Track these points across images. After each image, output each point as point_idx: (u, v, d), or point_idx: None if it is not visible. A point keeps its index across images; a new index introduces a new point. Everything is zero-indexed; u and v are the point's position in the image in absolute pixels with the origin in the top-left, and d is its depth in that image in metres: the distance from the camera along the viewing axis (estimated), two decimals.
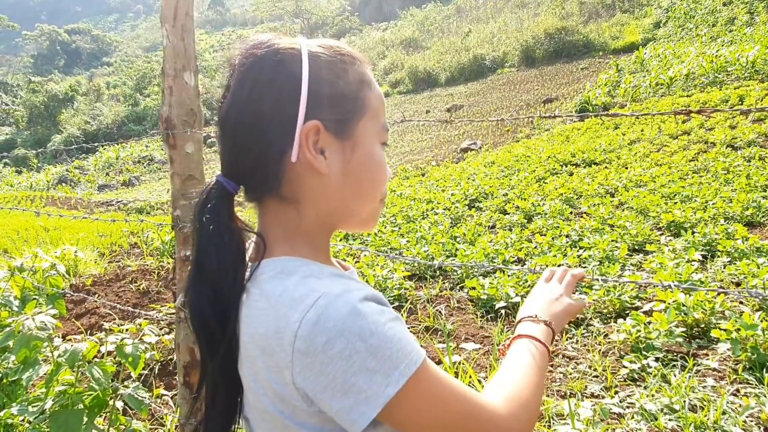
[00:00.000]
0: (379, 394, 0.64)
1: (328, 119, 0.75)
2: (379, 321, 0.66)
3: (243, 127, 0.76)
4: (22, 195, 17.62)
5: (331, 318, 0.64)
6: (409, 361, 0.66)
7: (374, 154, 0.80)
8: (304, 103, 0.73)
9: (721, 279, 3.92)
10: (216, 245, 0.76)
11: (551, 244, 5.18)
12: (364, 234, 6.51)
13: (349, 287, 0.69)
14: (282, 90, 0.74)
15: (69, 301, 4.42)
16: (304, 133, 0.74)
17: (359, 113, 0.78)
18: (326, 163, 0.76)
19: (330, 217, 0.81)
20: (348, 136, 0.77)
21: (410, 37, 44.47)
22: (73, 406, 1.84)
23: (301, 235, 0.79)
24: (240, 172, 0.78)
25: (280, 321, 0.67)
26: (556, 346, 3.25)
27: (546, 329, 0.91)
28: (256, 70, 0.75)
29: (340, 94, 0.76)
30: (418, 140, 18.41)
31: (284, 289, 0.70)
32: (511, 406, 0.74)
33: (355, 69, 0.79)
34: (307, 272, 0.73)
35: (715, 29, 21.50)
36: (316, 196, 0.78)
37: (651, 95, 14.82)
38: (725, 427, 2.28)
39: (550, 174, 9.23)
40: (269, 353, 0.69)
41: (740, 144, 8.45)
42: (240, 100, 0.76)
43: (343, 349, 0.63)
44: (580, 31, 28.56)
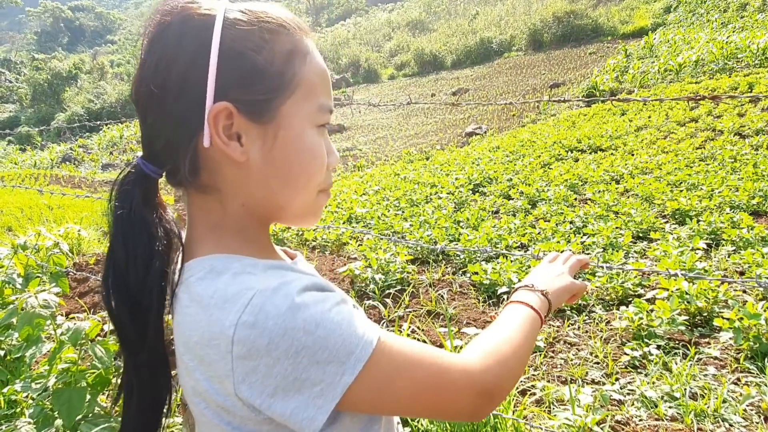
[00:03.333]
0: (335, 385, 0.60)
1: (242, 100, 0.65)
2: (324, 309, 0.61)
3: (150, 104, 0.66)
4: (26, 173, 17.65)
5: (270, 316, 0.58)
6: (363, 343, 0.61)
7: (304, 139, 0.70)
8: (212, 81, 0.63)
9: (725, 268, 3.91)
10: (124, 235, 0.68)
11: (555, 230, 5.16)
12: (367, 217, 6.49)
13: (285, 279, 0.63)
14: (189, 65, 0.64)
15: (72, 280, 4.44)
16: (211, 117, 0.64)
17: (284, 92, 0.67)
18: (242, 150, 0.66)
19: (259, 208, 0.72)
20: (269, 119, 0.67)
21: (417, 18, 44.08)
22: (75, 384, 1.85)
23: (227, 228, 0.71)
24: (154, 154, 0.69)
25: (213, 326, 0.61)
26: (557, 332, 3.25)
27: (541, 298, 0.88)
28: (163, 39, 0.65)
29: (259, 71, 0.65)
30: (423, 124, 18.32)
31: (215, 290, 0.63)
32: (487, 360, 0.71)
33: (283, 39, 0.68)
34: (238, 269, 0.65)
35: (727, 15, 21.23)
36: (238, 185, 0.69)
37: (659, 81, 14.68)
38: (725, 415, 2.29)
39: (556, 160, 9.18)
40: (207, 363, 0.62)
41: (748, 132, 8.37)
42: (147, 73, 0.66)
43: (289, 347, 0.58)
44: (589, 14, 28.27)
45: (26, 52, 67.67)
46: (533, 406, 2.48)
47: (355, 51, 38.42)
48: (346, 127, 20.11)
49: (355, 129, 19.79)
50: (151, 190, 0.70)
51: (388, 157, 13.63)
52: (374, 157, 13.97)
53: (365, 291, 4.07)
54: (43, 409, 1.88)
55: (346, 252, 5.23)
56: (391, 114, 21.45)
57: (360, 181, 10.11)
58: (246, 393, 0.60)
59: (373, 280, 4.10)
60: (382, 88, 29.29)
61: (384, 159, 13.54)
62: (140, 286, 0.67)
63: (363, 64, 35.68)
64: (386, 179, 9.79)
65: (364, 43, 41.81)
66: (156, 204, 0.71)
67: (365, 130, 19.27)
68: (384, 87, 29.80)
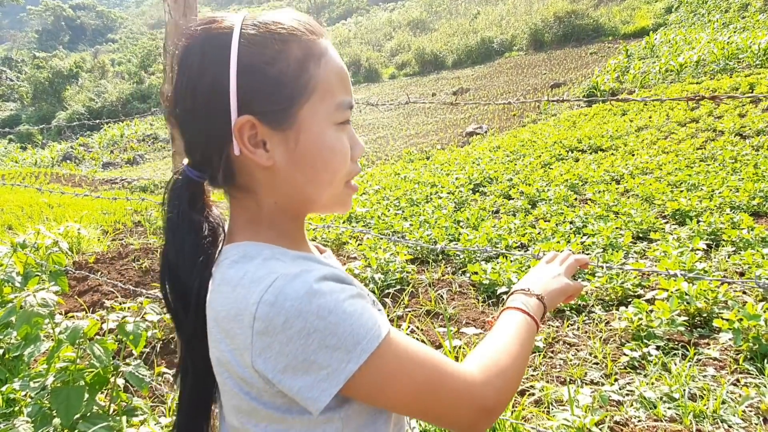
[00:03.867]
0: (340, 371, 0.64)
1: (263, 111, 0.71)
2: (338, 298, 0.65)
3: (184, 118, 0.74)
4: (27, 171, 17.65)
5: (288, 298, 0.64)
6: (371, 336, 0.65)
7: (324, 138, 0.74)
8: (234, 97, 0.69)
9: (725, 269, 3.91)
10: (174, 234, 0.76)
11: (555, 231, 5.16)
12: (367, 216, 6.50)
13: (308, 267, 0.68)
14: (212, 85, 0.70)
15: (72, 278, 4.44)
16: (236, 130, 0.70)
17: (301, 98, 0.72)
18: (268, 156, 0.72)
19: (290, 204, 0.78)
20: (289, 124, 0.72)
21: (418, 18, 44.06)
22: (74, 383, 1.85)
23: (263, 221, 0.78)
24: (195, 162, 0.77)
25: (239, 303, 0.67)
26: (557, 332, 3.25)
27: (537, 303, 0.90)
28: (188, 62, 0.72)
29: (276, 82, 0.70)
30: (423, 123, 18.30)
31: (245, 273, 0.69)
32: (487, 373, 0.73)
33: (295, 46, 0.72)
34: (269, 255, 0.72)
35: (728, 15, 21.19)
36: (269, 186, 0.76)
37: (660, 82, 14.66)
38: (724, 416, 2.29)
39: (556, 160, 9.17)
40: (231, 336, 0.68)
41: (749, 133, 8.36)
42: (179, 90, 0.73)
43: (302, 328, 0.63)
44: (591, 14, 28.23)
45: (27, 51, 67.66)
46: (532, 407, 2.47)
47: (355, 50, 38.37)
48: None
49: (355, 128, 19.57)
50: (197, 192, 0.78)
51: (389, 157, 13.62)
52: (374, 157, 13.97)
53: None
54: (41, 407, 1.88)
55: (345, 251, 5.23)
56: (391, 113, 21.44)
57: (360, 181, 10.10)
58: (261, 366, 0.66)
59: (373, 280, 4.10)
60: (382, 88, 29.27)
61: (384, 158, 13.53)
62: (188, 277, 0.76)
63: (364, 63, 35.64)
64: (386, 179, 9.79)
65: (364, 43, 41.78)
66: (203, 205, 0.79)
67: (366, 129, 19.25)
68: (385, 86, 29.78)
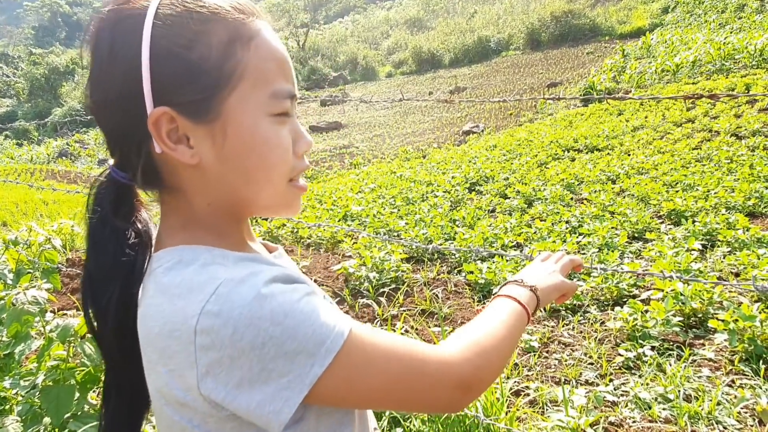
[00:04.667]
0: (304, 376, 0.58)
1: (182, 102, 0.62)
2: (293, 299, 0.59)
3: (99, 112, 0.66)
4: (22, 168, 17.57)
5: (236, 306, 0.56)
6: (335, 334, 0.59)
7: (258, 131, 0.65)
8: (148, 88, 0.60)
9: (720, 269, 3.90)
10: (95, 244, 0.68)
11: (551, 230, 5.15)
12: (362, 215, 6.48)
13: (255, 270, 0.61)
14: (124, 74, 0.61)
15: (65, 276, 4.41)
16: (152, 124, 0.61)
17: (227, 86, 0.63)
18: (192, 152, 0.64)
19: (226, 205, 0.69)
20: (214, 116, 0.63)
21: (415, 16, 44.06)
22: (64, 382, 1.83)
23: (198, 223, 0.69)
24: (118, 162, 0.68)
25: (175, 316, 0.59)
26: (552, 332, 3.24)
27: (529, 293, 0.87)
28: (98, 50, 0.63)
29: (195, 68, 0.61)
30: (420, 122, 18.30)
31: (181, 280, 0.61)
32: (465, 351, 0.69)
33: (219, 28, 0.62)
34: (207, 259, 0.63)
35: (724, 16, 21.25)
36: (199, 187, 0.67)
37: (656, 82, 14.69)
38: (719, 417, 2.28)
39: (552, 159, 9.17)
40: (168, 355, 0.60)
41: (745, 133, 8.37)
42: (91, 80, 0.64)
43: (255, 337, 0.56)
44: (587, 14, 28.31)
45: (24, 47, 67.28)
46: (526, 407, 2.47)
47: (352, 48, 38.35)
48: (343, 125, 20.08)
49: (352, 126, 19.76)
50: (123, 196, 0.69)
51: (385, 155, 13.61)
52: (371, 155, 13.95)
53: (359, 289, 4.05)
54: (31, 406, 1.86)
55: (340, 250, 5.22)
56: (388, 112, 21.43)
57: (356, 179, 10.08)
58: (210, 386, 0.58)
59: (368, 279, 4.08)
60: (379, 86, 29.26)
61: (380, 157, 13.52)
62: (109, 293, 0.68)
63: (361, 61, 35.63)
64: (382, 177, 9.77)
65: (361, 41, 41.75)
66: (130, 209, 0.70)
67: (362, 127, 19.24)
68: (381, 85, 29.78)
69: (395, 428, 2.25)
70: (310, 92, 30.06)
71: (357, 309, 3.69)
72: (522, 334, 0.83)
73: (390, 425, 2.26)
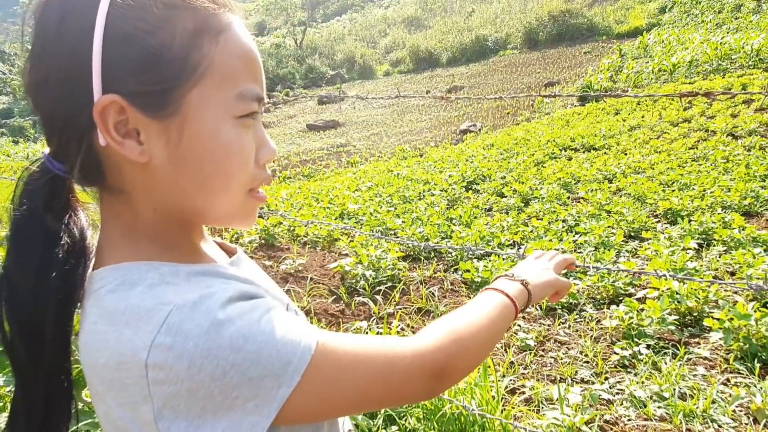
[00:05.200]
0: (270, 399, 0.54)
1: (135, 92, 0.55)
2: (252, 320, 0.54)
3: (37, 93, 0.58)
4: (19, 165, 17.50)
5: (190, 336, 0.51)
6: (301, 350, 0.55)
7: (219, 134, 0.59)
8: (98, 71, 0.53)
9: (715, 268, 3.91)
10: (18, 243, 0.59)
11: (547, 229, 5.16)
12: (359, 213, 6.47)
13: (209, 290, 0.56)
14: (72, 53, 0.54)
15: None
16: (98, 112, 0.54)
17: (189, 79, 0.57)
18: (141, 149, 0.57)
19: (174, 212, 0.62)
20: (171, 112, 0.57)
21: (413, 15, 44.05)
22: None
23: (142, 232, 0.62)
24: (55, 152, 0.60)
25: (123, 347, 0.53)
26: (548, 331, 3.25)
27: (520, 288, 0.85)
28: (44, 23, 0.56)
29: (155, 56, 0.55)
30: (417, 121, 18.30)
31: (126, 305, 0.54)
32: (440, 339, 0.67)
33: (186, 15, 0.56)
34: (155, 279, 0.57)
35: (721, 16, 21.29)
36: (145, 189, 0.60)
37: (653, 81, 14.71)
38: (714, 416, 2.28)
39: (549, 158, 9.18)
40: (118, 388, 0.54)
41: (741, 133, 8.39)
42: (32, 57, 0.57)
43: (215, 369, 0.51)
44: (585, 14, 28.33)
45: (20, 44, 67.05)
46: (522, 405, 2.46)
47: (350, 47, 38.33)
48: (340, 123, 20.07)
49: (349, 125, 19.74)
50: (57, 190, 0.60)
51: (382, 154, 13.60)
52: (368, 154, 13.94)
53: (356, 287, 4.04)
54: None
55: (337, 248, 5.21)
56: (385, 110, 21.42)
57: (353, 177, 10.07)
58: (169, 419, 0.53)
59: (364, 277, 4.08)
60: (377, 85, 29.25)
61: (378, 155, 13.51)
62: (32, 301, 0.58)
63: (358, 60, 35.61)
64: (379, 175, 9.76)
65: (359, 39, 41.71)
66: (65, 206, 0.62)
67: (359, 126, 19.22)
68: (379, 83, 29.76)
69: (390, 426, 2.24)
70: (307, 90, 30.04)
71: (353, 307, 3.69)
72: (508, 326, 0.82)
73: (385, 423, 2.26)
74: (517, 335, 3.14)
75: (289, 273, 4.26)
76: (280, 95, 28.06)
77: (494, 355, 2.98)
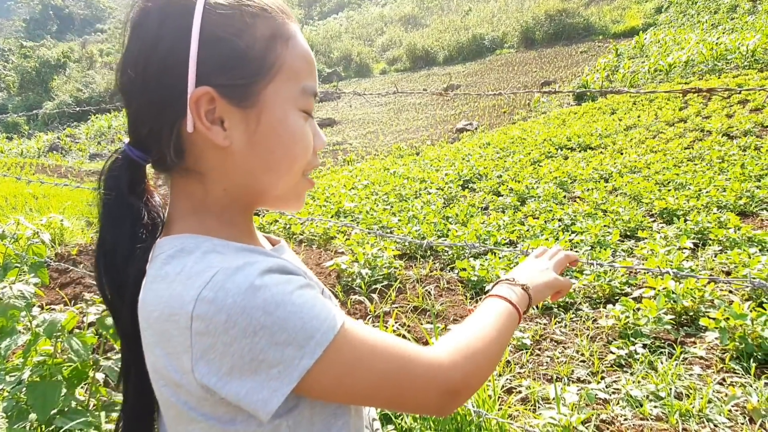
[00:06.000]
0: (293, 368, 0.59)
1: (223, 84, 0.66)
2: (285, 290, 0.60)
3: (133, 91, 0.68)
4: (12, 162, 17.39)
5: (230, 294, 0.58)
6: (326, 328, 0.60)
7: (287, 122, 0.70)
8: (193, 66, 0.64)
9: (711, 267, 3.92)
10: (112, 220, 0.70)
11: (544, 228, 5.15)
12: (356, 211, 6.46)
13: (251, 260, 0.62)
14: (169, 50, 0.64)
15: (53, 270, 4.37)
16: (193, 102, 0.65)
17: (266, 76, 0.68)
18: (225, 135, 0.67)
19: (242, 192, 0.72)
20: (251, 103, 0.67)
21: (409, 13, 43.97)
22: (51, 377, 1.80)
23: (208, 209, 0.72)
24: (140, 141, 0.70)
25: (174, 301, 0.61)
26: (544, 330, 3.24)
27: (521, 293, 0.87)
28: (144, 26, 0.66)
29: (241, 55, 0.66)
30: (414, 119, 18.27)
31: (182, 268, 0.63)
32: (455, 356, 0.70)
33: (265, 23, 0.68)
34: (208, 248, 0.66)
35: (717, 16, 21.34)
36: (221, 170, 0.70)
37: (649, 81, 14.74)
38: (710, 415, 2.28)
39: (545, 157, 9.18)
40: (166, 338, 0.62)
41: (736, 133, 8.41)
42: (130, 60, 0.67)
43: (247, 326, 0.57)
44: (581, 13, 28.31)
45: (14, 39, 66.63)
46: (518, 405, 2.46)
47: (347, 45, 38.22)
48: (336, 121, 20.02)
49: (345, 123, 19.71)
50: (138, 176, 0.72)
51: (378, 152, 13.58)
52: (364, 152, 13.92)
53: (352, 285, 4.03)
54: (17, 402, 1.83)
55: (333, 246, 5.20)
56: (381, 109, 21.39)
57: (349, 176, 10.06)
58: (203, 370, 0.59)
59: (360, 275, 4.07)
60: (373, 83, 29.21)
61: (374, 153, 13.49)
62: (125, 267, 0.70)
63: (355, 58, 35.53)
64: (376, 174, 9.75)
65: (356, 37, 41.61)
66: (143, 190, 0.73)
67: (356, 124, 19.19)
68: (375, 81, 29.72)
69: (386, 425, 2.23)
70: None
71: (349, 305, 3.68)
72: (513, 333, 0.84)
73: (381, 422, 2.25)
74: (514, 334, 3.14)
75: None
76: None
77: None
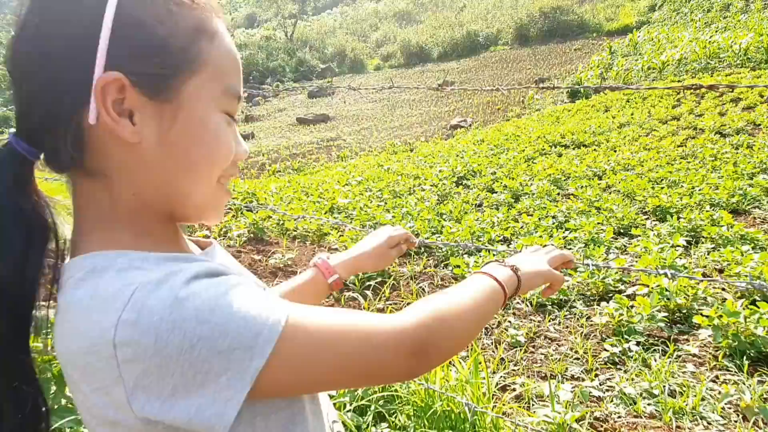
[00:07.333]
0: (244, 371, 0.53)
1: (137, 72, 0.57)
2: (218, 293, 0.54)
3: (28, 70, 0.57)
4: None
5: (155, 311, 0.51)
6: (272, 322, 0.55)
7: (208, 122, 0.62)
8: (104, 47, 0.55)
9: (704, 265, 3.93)
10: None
11: (537, 225, 5.16)
12: (349, 207, 6.44)
13: (174, 269, 0.56)
14: (78, 26, 0.55)
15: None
16: (99, 88, 0.55)
17: (187, 70, 0.60)
18: (134, 129, 0.58)
19: (155, 197, 0.63)
20: (168, 97, 0.59)
21: (404, 9, 43.89)
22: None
23: (118, 219, 0.62)
24: (31, 131, 0.59)
25: (92, 330, 0.53)
26: (538, 327, 3.24)
27: (509, 272, 0.84)
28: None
29: (161, 43, 0.58)
30: (408, 116, 18.25)
31: (95, 291, 0.55)
32: (422, 317, 0.65)
33: (190, 14, 0.60)
34: (124, 264, 0.57)
35: (710, 15, 21.42)
36: (129, 171, 0.61)
37: (643, 79, 14.77)
38: (704, 413, 2.29)
39: (539, 154, 9.19)
40: (90, 372, 0.54)
41: (729, 131, 8.44)
42: (28, 34, 0.57)
43: (182, 341, 0.51)
44: (575, 10, 28.34)
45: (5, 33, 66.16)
46: (513, 402, 2.46)
47: (341, 41, 38.10)
48: (330, 117, 19.97)
49: (339, 119, 19.66)
50: (25, 174, 0.60)
51: (372, 148, 13.56)
52: (358, 148, 13.89)
53: (345, 282, 4.02)
54: None
55: (327, 242, 5.18)
56: (375, 105, 21.36)
57: (343, 172, 10.03)
58: (142, 400, 0.52)
59: None
60: (367, 79, 29.15)
61: (368, 150, 13.46)
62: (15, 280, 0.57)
63: (349, 54, 35.43)
64: (369, 170, 9.73)
65: (350, 33, 41.49)
66: (31, 191, 0.60)
67: (350, 120, 19.15)
68: (370, 77, 29.66)
69: (380, 423, 2.22)
70: (297, 84, 29.87)
71: (343, 302, 3.66)
72: (496, 310, 0.80)
73: (375, 420, 2.24)
74: (508, 332, 3.14)
75: (278, 267, 4.23)
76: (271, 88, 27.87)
77: (485, 352, 2.97)
